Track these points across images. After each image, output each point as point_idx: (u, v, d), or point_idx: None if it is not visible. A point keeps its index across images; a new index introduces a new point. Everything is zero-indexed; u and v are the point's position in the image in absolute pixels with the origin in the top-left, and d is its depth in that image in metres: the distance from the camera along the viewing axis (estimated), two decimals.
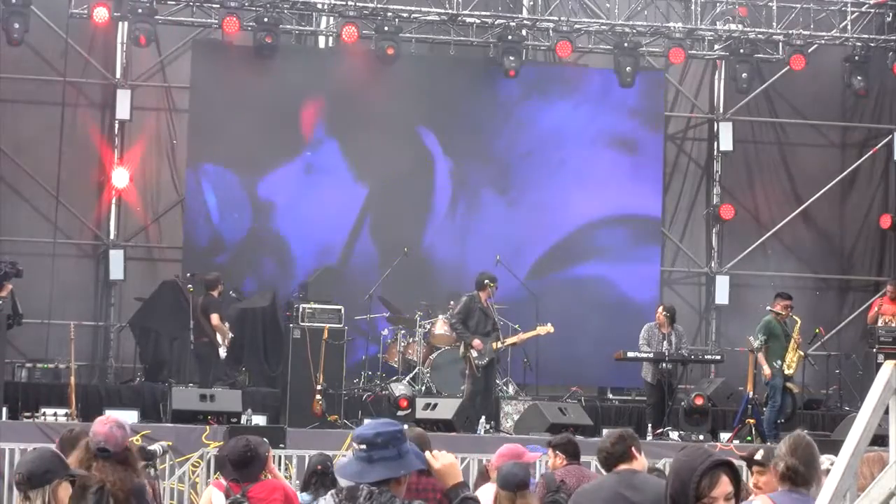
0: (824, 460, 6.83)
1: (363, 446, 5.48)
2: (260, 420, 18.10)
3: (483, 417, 17.95)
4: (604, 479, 7.67)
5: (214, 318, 18.60)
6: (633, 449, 7.52)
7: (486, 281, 18.40)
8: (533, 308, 20.02)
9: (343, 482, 5.66)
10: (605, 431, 7.33)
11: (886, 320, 20.44)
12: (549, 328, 18.93)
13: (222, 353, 18.75)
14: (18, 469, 6.14)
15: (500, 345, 18.44)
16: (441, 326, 19.54)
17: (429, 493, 9.60)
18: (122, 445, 7.07)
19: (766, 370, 18.63)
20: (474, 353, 18.16)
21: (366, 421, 6.01)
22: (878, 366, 6.61)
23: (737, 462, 5.18)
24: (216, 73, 21.46)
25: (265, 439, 9.22)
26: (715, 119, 23.55)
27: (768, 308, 19.08)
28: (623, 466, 7.49)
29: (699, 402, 19.12)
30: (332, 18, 21.65)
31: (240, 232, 21.52)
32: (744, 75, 22.07)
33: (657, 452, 17.09)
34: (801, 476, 6.17)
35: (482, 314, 18.35)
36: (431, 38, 21.99)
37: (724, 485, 4.81)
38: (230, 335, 18.99)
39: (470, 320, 18.34)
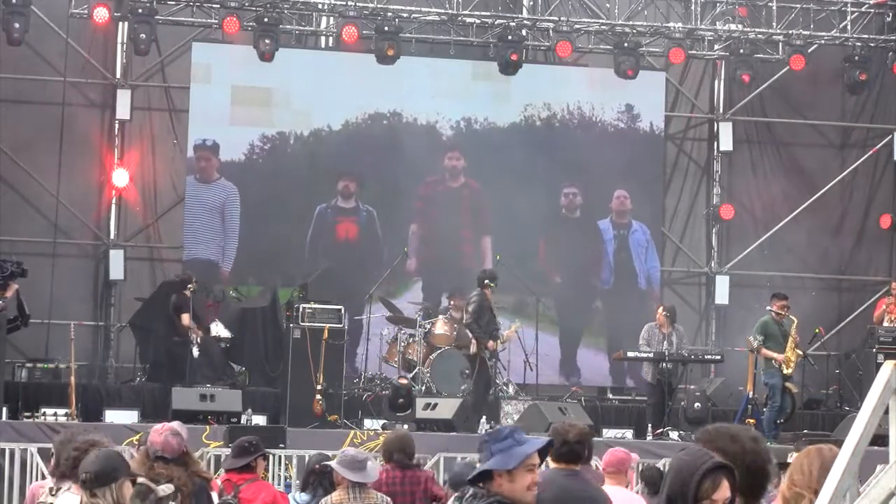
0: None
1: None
2: (260, 420, 18.10)
3: (484, 417, 17.97)
4: (553, 473, 7.65)
5: (185, 318, 18.55)
6: (588, 451, 7.65)
7: (490, 279, 18.43)
8: (533, 308, 20.03)
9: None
10: (605, 431, 7.26)
11: (893, 319, 20.44)
12: (516, 325, 19.06)
13: (195, 351, 18.68)
14: (85, 469, 6.29)
15: (500, 343, 18.45)
16: (441, 326, 19.54)
17: (408, 486, 9.71)
18: (178, 452, 7.25)
19: (778, 356, 18.64)
20: (486, 353, 18.30)
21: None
22: (878, 366, 6.62)
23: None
24: (216, 73, 21.47)
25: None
26: (715, 119, 23.55)
27: (768, 308, 19.09)
28: (573, 465, 7.54)
29: (694, 386, 19.23)
30: (332, 18, 21.66)
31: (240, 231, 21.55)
32: (743, 83, 22.09)
33: (657, 452, 17.11)
34: None
35: (490, 312, 18.41)
36: (431, 38, 21.99)
37: (725, 489, 4.77)
38: (226, 334, 18.96)
39: (482, 319, 18.37)
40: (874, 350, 20.06)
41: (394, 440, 10.23)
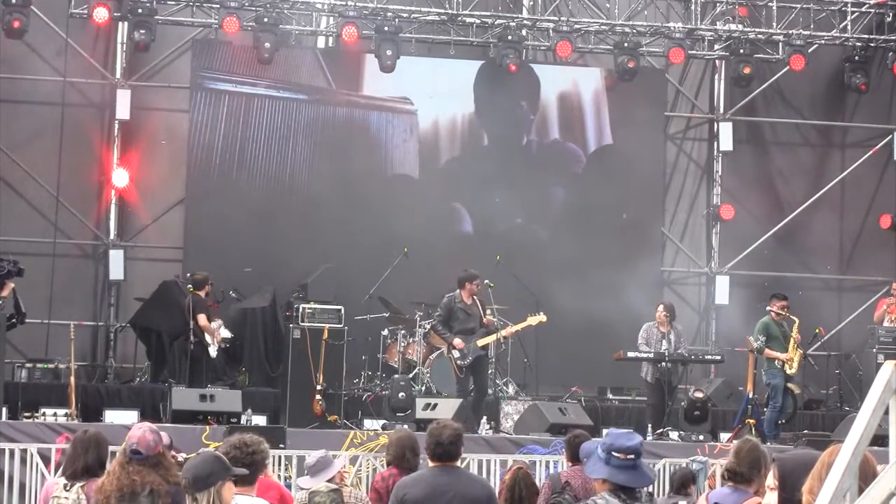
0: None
1: (631, 456, 6.28)
2: (260, 420, 18.09)
3: (484, 418, 17.96)
4: (425, 472, 8.19)
5: (202, 319, 18.54)
6: (462, 449, 8.15)
7: (466, 280, 18.36)
8: (533, 308, 20.00)
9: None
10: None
11: (893, 319, 20.45)
12: (541, 318, 18.87)
13: (212, 352, 18.70)
14: (184, 474, 6.62)
15: (497, 337, 18.39)
16: None
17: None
18: (154, 449, 7.31)
19: (783, 356, 18.63)
20: (456, 354, 18.16)
21: (608, 432, 6.58)
22: (879, 366, 6.63)
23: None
24: (216, 74, 21.47)
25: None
26: (715, 119, 23.56)
27: (767, 308, 19.09)
28: (448, 463, 8.01)
29: (699, 395, 19.08)
30: (332, 18, 21.66)
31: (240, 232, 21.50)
32: (744, 73, 22.09)
33: (657, 452, 17.11)
34: (738, 475, 7.36)
35: (464, 313, 18.33)
36: (431, 38, 22.00)
37: (769, 478, 5.50)
38: (227, 335, 18.96)
39: (452, 321, 18.32)
40: (874, 350, 20.07)
41: (405, 440, 10.16)
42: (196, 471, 6.60)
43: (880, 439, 4.94)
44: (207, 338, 18.63)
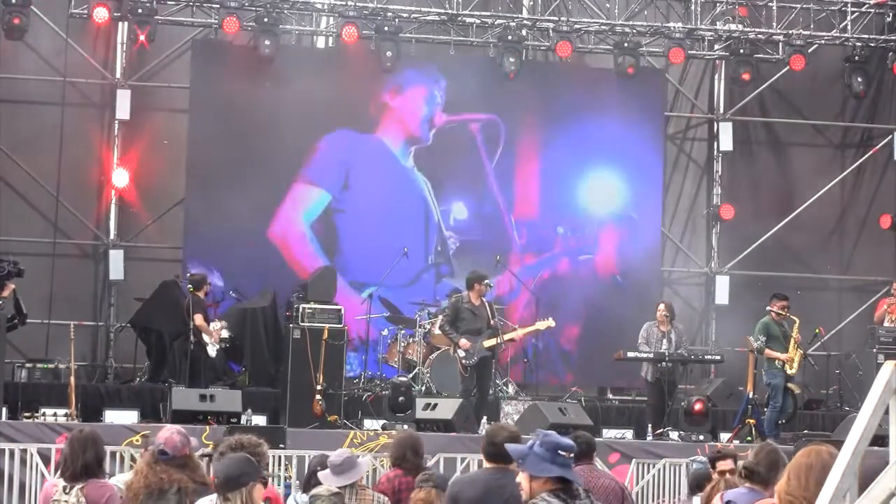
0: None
1: (572, 454, 6.38)
2: (260, 420, 18.10)
3: (485, 418, 17.95)
4: (480, 472, 8.17)
5: (198, 319, 18.54)
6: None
7: (475, 280, 18.36)
8: (533, 308, 20.03)
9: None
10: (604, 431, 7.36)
11: (893, 319, 20.45)
12: (549, 322, 18.87)
13: (211, 351, 18.70)
14: (216, 474, 6.68)
15: (498, 341, 18.39)
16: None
17: (404, 492, 9.71)
18: (180, 451, 7.38)
19: (783, 356, 18.63)
20: (461, 353, 18.17)
21: (540, 432, 6.57)
22: (879, 366, 6.63)
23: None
24: (216, 73, 21.46)
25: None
26: (715, 119, 23.56)
27: (767, 308, 19.08)
28: (503, 464, 7.90)
29: (699, 406, 18.97)
30: (332, 18, 21.67)
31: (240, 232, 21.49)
32: (742, 80, 22.10)
33: (657, 452, 17.11)
34: (756, 474, 7.45)
35: (471, 314, 18.33)
36: (431, 38, 22.00)
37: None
38: (225, 335, 18.96)
39: (458, 321, 18.32)
40: (874, 350, 20.07)
41: (406, 440, 10.15)
42: (228, 471, 6.65)
43: (880, 439, 4.94)
44: (205, 337, 18.64)
